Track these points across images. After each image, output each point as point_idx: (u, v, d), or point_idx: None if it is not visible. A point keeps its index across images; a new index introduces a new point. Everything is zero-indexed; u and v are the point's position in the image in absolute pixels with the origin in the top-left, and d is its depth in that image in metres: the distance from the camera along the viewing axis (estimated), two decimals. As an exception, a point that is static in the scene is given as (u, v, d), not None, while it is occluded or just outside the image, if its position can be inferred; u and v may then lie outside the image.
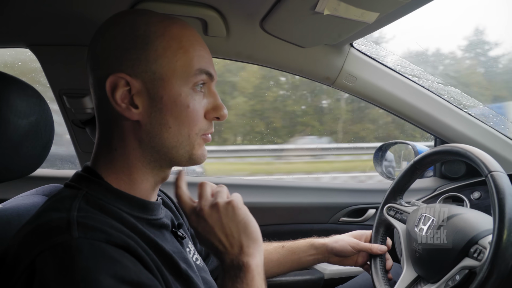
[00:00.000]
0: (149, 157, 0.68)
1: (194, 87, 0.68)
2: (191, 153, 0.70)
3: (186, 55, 0.67)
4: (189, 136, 0.68)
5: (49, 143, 0.79)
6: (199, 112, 0.68)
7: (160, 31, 0.66)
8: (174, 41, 0.66)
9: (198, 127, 0.69)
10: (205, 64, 0.69)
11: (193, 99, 0.67)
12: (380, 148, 1.65)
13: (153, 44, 0.65)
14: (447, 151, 0.96)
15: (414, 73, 1.31)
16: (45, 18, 0.97)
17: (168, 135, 0.67)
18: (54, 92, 1.14)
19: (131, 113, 0.65)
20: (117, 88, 0.64)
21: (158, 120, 0.66)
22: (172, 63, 0.66)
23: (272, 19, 0.95)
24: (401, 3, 0.74)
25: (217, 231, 0.66)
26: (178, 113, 0.66)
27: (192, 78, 0.67)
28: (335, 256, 1.08)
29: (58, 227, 0.54)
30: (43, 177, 1.36)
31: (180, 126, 0.67)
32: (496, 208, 0.76)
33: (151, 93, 0.65)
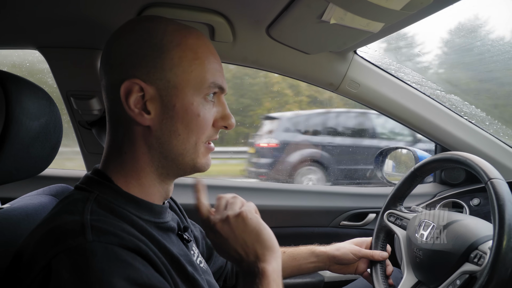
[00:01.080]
0: (157, 162, 0.70)
1: (206, 97, 0.70)
2: (196, 161, 0.71)
3: (201, 67, 0.68)
4: (196, 144, 0.70)
5: (58, 144, 0.81)
6: (208, 120, 0.70)
7: (176, 40, 0.67)
8: (190, 52, 0.68)
9: (206, 135, 0.71)
10: (218, 77, 0.71)
11: (204, 108, 0.69)
12: (381, 153, 1.66)
13: (169, 53, 0.66)
14: (448, 158, 0.97)
15: (416, 80, 1.33)
16: (55, 21, 0.98)
17: (177, 142, 0.68)
18: (62, 93, 1.16)
19: (143, 118, 0.66)
20: (131, 93, 0.65)
21: (168, 127, 0.67)
22: (187, 73, 0.67)
23: (279, 26, 0.96)
24: (406, 14, 0.76)
25: (231, 243, 0.68)
26: (188, 121, 0.68)
27: (205, 90, 0.69)
28: (336, 264, 1.09)
29: (72, 230, 0.55)
30: (48, 176, 1.37)
31: (189, 133, 0.68)
32: (496, 215, 0.77)
33: (164, 100, 0.66)
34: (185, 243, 0.79)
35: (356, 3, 0.73)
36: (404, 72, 1.31)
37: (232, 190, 1.48)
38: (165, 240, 0.68)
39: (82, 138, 1.26)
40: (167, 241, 0.70)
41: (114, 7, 0.95)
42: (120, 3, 0.94)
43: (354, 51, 1.21)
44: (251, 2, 0.92)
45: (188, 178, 1.52)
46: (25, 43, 1.08)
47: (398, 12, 0.75)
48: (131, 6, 0.95)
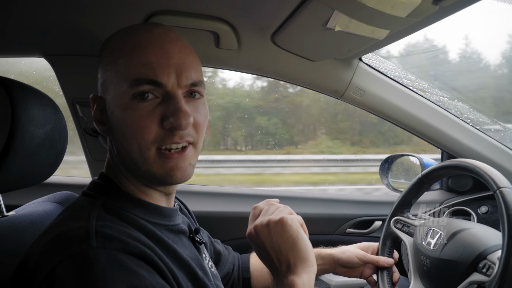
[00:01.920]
0: (130, 172, 0.69)
1: (135, 98, 0.62)
2: (152, 172, 0.65)
3: (124, 63, 0.62)
4: (141, 151, 0.63)
5: (63, 151, 0.81)
6: (142, 123, 0.62)
7: (112, 44, 0.67)
8: (118, 51, 0.65)
9: (147, 140, 0.62)
10: (147, 71, 0.61)
11: (133, 110, 0.62)
12: (387, 160, 1.65)
13: (106, 59, 0.67)
14: (455, 165, 0.96)
15: (421, 87, 1.32)
16: (61, 30, 0.99)
17: (125, 151, 0.66)
18: (67, 101, 1.17)
19: (102, 129, 0.69)
20: (94, 105, 0.68)
21: (114, 136, 0.67)
22: (114, 74, 0.64)
23: (283, 34, 0.96)
24: (411, 21, 0.76)
25: (267, 247, 0.68)
26: (121, 127, 0.64)
27: (130, 90, 0.61)
28: (341, 267, 1.08)
29: (77, 236, 0.55)
30: (53, 183, 1.37)
31: (128, 141, 0.63)
32: (505, 224, 0.76)
33: (107, 109, 0.67)
34: (196, 246, 0.78)
35: (361, 10, 0.72)
36: (409, 79, 1.30)
37: (239, 197, 1.49)
38: (176, 243, 0.68)
39: (87, 145, 1.27)
40: (178, 244, 0.70)
41: (120, 15, 0.95)
42: (126, 11, 0.95)
43: (359, 58, 1.21)
44: (256, 9, 0.92)
45: (194, 186, 1.52)
46: (32, 51, 1.09)
47: (403, 19, 0.74)
48: (137, 14, 0.95)
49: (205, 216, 1.41)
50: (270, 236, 0.68)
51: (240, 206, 1.46)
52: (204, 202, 1.45)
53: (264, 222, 0.69)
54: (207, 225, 1.15)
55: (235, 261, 1.08)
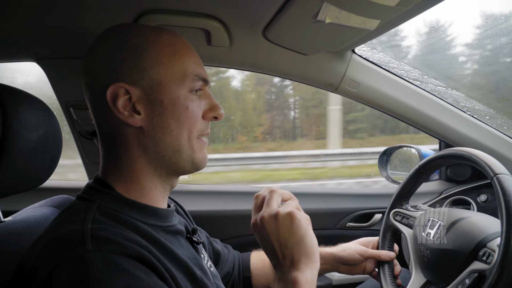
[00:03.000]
0: (154, 163, 0.70)
1: (191, 90, 0.70)
2: (193, 157, 0.72)
3: (181, 61, 0.70)
4: (189, 138, 0.70)
5: (58, 155, 0.80)
6: (197, 113, 0.71)
7: (151, 39, 0.69)
8: (168, 48, 0.69)
9: (197, 129, 0.71)
10: (201, 70, 0.72)
11: (191, 101, 0.70)
12: (385, 152, 1.64)
13: (147, 52, 0.67)
14: (452, 155, 0.96)
15: (416, 77, 1.32)
16: (51, 32, 0.98)
17: (171, 138, 0.69)
18: (61, 104, 1.16)
19: (134, 119, 0.67)
20: (118, 97, 0.66)
21: (160, 123, 0.68)
22: (169, 68, 0.68)
23: (275, 28, 0.96)
24: (401, 10, 0.75)
25: (272, 239, 0.68)
26: (178, 115, 0.69)
27: (189, 83, 0.70)
28: (343, 265, 1.07)
29: (72, 240, 0.55)
30: (50, 188, 1.37)
31: (181, 128, 0.69)
32: (503, 211, 0.75)
33: (151, 98, 0.67)
34: (194, 246, 0.78)
35: (350, 1, 0.72)
36: (404, 69, 1.30)
37: (239, 195, 1.49)
38: (173, 244, 0.68)
39: (83, 148, 1.26)
40: (175, 245, 0.69)
41: (110, 16, 0.95)
42: (116, 11, 0.94)
43: (352, 50, 1.20)
44: (246, 5, 0.92)
45: (192, 185, 1.52)
46: (22, 55, 1.08)
47: (393, 8, 0.74)
48: (127, 14, 0.95)
49: (204, 215, 1.41)
50: (277, 229, 0.67)
51: (239, 204, 1.45)
52: (202, 201, 1.45)
53: (272, 213, 0.69)
54: (206, 224, 1.15)
55: (236, 260, 1.08)
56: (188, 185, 1.51)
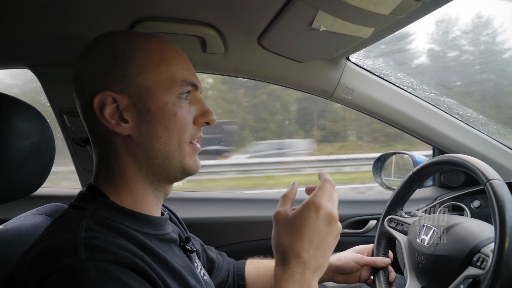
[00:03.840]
0: (145, 171, 0.69)
1: (180, 96, 0.69)
2: (183, 163, 0.71)
3: (168, 67, 0.69)
4: (179, 144, 0.69)
5: (50, 162, 0.79)
6: (186, 119, 0.70)
7: (139, 46, 0.68)
8: (155, 54, 0.68)
9: (188, 134, 0.70)
10: (189, 75, 0.71)
11: (180, 107, 0.69)
12: (379, 158, 1.65)
13: (134, 59, 0.67)
14: (445, 161, 0.97)
15: (409, 84, 1.33)
16: (45, 39, 0.98)
17: (160, 145, 0.68)
18: (55, 111, 1.15)
19: (122, 128, 0.67)
20: (105, 106, 0.66)
21: (148, 131, 0.67)
22: (156, 75, 0.68)
23: (269, 35, 0.96)
24: (395, 19, 0.76)
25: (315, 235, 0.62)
26: (167, 122, 0.68)
27: (177, 89, 0.69)
28: (339, 274, 1.07)
29: (65, 249, 0.54)
30: (43, 196, 1.35)
31: (170, 134, 0.68)
32: (497, 216, 0.76)
33: (139, 106, 0.67)
34: (188, 255, 0.78)
35: (345, 9, 0.73)
36: (397, 76, 1.31)
37: (232, 202, 1.48)
38: (166, 253, 0.68)
39: (77, 155, 1.25)
40: (169, 254, 0.69)
41: (104, 23, 0.95)
42: (110, 19, 0.94)
43: (347, 58, 1.21)
44: (241, 12, 0.92)
45: (187, 192, 1.51)
46: (16, 62, 1.08)
47: (387, 16, 0.75)
48: (122, 22, 0.95)
49: (198, 222, 1.40)
50: (318, 226, 0.62)
51: (233, 211, 1.45)
52: (197, 208, 1.44)
53: (326, 208, 0.62)
54: (200, 231, 1.14)
55: (230, 268, 1.07)
56: (183, 192, 1.51)
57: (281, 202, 0.68)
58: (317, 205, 0.62)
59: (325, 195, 0.64)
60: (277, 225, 0.65)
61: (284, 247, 0.63)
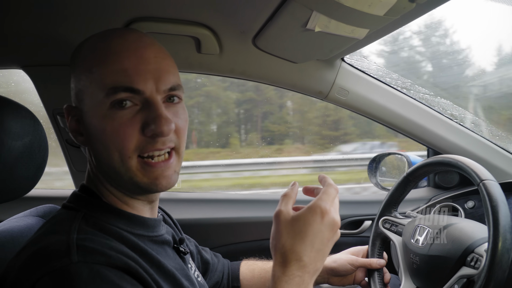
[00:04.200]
0: (112, 182, 0.68)
1: (113, 106, 0.60)
2: (135, 180, 0.63)
3: (98, 72, 0.61)
4: (122, 160, 0.62)
5: (43, 163, 0.79)
6: (121, 131, 0.60)
7: (85, 52, 0.65)
8: (91, 59, 0.62)
9: (130, 149, 0.61)
10: (123, 79, 0.60)
11: (111, 120, 0.60)
12: (374, 159, 1.66)
13: (79, 68, 0.65)
14: (439, 162, 0.97)
15: (404, 85, 1.34)
16: (38, 39, 0.97)
17: (106, 161, 0.64)
18: (48, 112, 1.14)
19: (79, 140, 0.67)
20: (68, 117, 0.67)
21: (92, 146, 0.66)
22: (88, 85, 0.63)
23: (264, 36, 0.96)
24: (389, 20, 0.76)
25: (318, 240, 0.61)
26: (100, 137, 0.62)
27: (105, 99, 0.60)
28: (334, 276, 1.07)
29: (57, 251, 0.53)
30: (36, 197, 1.34)
31: (108, 150, 0.62)
32: (490, 216, 0.76)
33: (84, 118, 0.65)
34: (181, 256, 0.77)
35: (340, 10, 0.73)
36: (391, 77, 1.32)
37: (228, 203, 1.48)
38: (160, 254, 0.67)
39: (70, 156, 1.24)
40: (162, 255, 0.68)
41: (99, 23, 0.94)
42: (105, 18, 0.93)
43: (342, 59, 1.21)
44: (236, 13, 0.92)
45: (182, 193, 1.51)
46: (8, 62, 1.07)
47: (381, 17, 0.75)
48: (116, 22, 0.94)
49: (193, 223, 1.39)
50: (321, 231, 0.61)
51: (229, 212, 1.44)
52: (191, 209, 1.43)
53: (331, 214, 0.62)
54: (195, 232, 1.14)
55: (225, 269, 1.07)
56: (178, 193, 1.50)
57: (283, 202, 0.66)
58: (323, 210, 0.61)
59: (330, 200, 0.63)
60: (278, 225, 0.63)
61: (285, 248, 0.61)
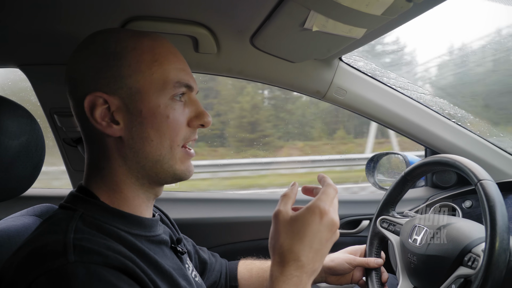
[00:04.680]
0: (135, 173, 0.68)
1: (173, 98, 0.68)
2: (174, 168, 0.69)
3: (161, 67, 0.67)
4: (171, 148, 0.68)
5: (40, 163, 0.79)
6: (179, 121, 0.68)
7: (131, 45, 0.67)
8: (147, 54, 0.67)
9: (180, 137, 0.69)
10: (183, 76, 0.69)
11: (173, 109, 0.67)
12: (372, 159, 1.66)
13: (125, 60, 0.66)
14: (437, 161, 0.97)
15: (402, 85, 1.34)
16: (35, 38, 0.97)
17: (151, 148, 0.67)
18: (45, 111, 1.14)
19: (113, 129, 0.66)
20: (96, 107, 0.65)
21: (139, 134, 0.66)
22: (148, 76, 0.66)
23: (262, 36, 0.96)
24: (387, 19, 0.76)
25: (316, 240, 0.62)
26: (158, 125, 0.66)
27: (170, 90, 0.67)
28: (332, 275, 1.07)
29: (54, 250, 0.53)
30: (33, 196, 1.34)
31: (162, 137, 0.67)
32: (487, 216, 0.76)
33: (130, 108, 0.66)
34: (179, 256, 0.77)
35: (337, 10, 0.73)
36: (389, 77, 1.32)
37: (224, 203, 1.48)
38: (157, 254, 0.67)
39: (67, 155, 1.24)
40: (159, 255, 0.68)
41: (95, 22, 0.94)
42: (101, 18, 0.93)
43: (339, 58, 1.21)
44: (234, 12, 0.92)
45: (179, 192, 1.50)
46: (5, 61, 1.06)
47: (379, 17, 0.75)
48: (113, 21, 0.94)
49: (191, 223, 1.39)
50: (320, 232, 0.62)
51: (226, 211, 1.44)
52: (189, 208, 1.43)
53: (330, 215, 0.62)
54: (193, 232, 1.14)
55: (222, 269, 1.07)
56: (175, 192, 1.50)
57: (282, 202, 0.67)
58: (322, 210, 0.62)
59: (329, 200, 0.64)
60: (277, 225, 0.64)
61: (283, 248, 0.62)
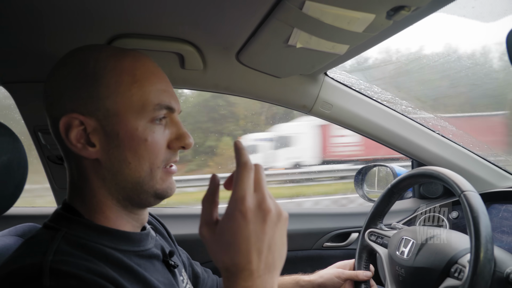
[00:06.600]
0: (116, 195, 0.66)
1: (153, 120, 0.66)
2: (155, 188, 0.67)
3: (141, 89, 0.65)
4: (151, 170, 0.66)
5: (23, 181, 0.77)
6: (159, 144, 0.66)
7: (110, 65, 0.65)
8: (127, 75, 0.65)
9: (160, 159, 0.67)
10: (164, 98, 0.67)
11: (152, 132, 0.65)
12: (360, 171, 1.67)
13: (104, 80, 0.63)
14: (421, 174, 0.98)
15: (386, 98, 1.36)
16: (19, 55, 0.96)
17: (129, 171, 0.65)
18: (29, 129, 1.13)
19: (88, 152, 0.64)
20: (71, 128, 0.63)
21: (116, 156, 0.64)
22: (127, 98, 0.64)
23: (248, 52, 0.97)
24: (368, 36, 0.78)
25: (252, 242, 0.52)
26: (136, 148, 0.64)
27: (150, 113, 0.65)
28: None
29: (29, 274, 0.52)
30: (15, 215, 1.31)
31: (140, 160, 0.65)
32: (472, 227, 0.77)
33: (107, 130, 0.64)
34: (171, 270, 0.75)
35: (319, 27, 0.74)
36: (374, 91, 1.34)
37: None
38: (147, 270, 0.65)
39: (52, 173, 1.22)
40: (150, 270, 0.66)
41: (80, 40, 0.93)
42: (87, 35, 0.93)
43: (325, 73, 1.23)
44: (219, 29, 0.93)
45: (168, 208, 1.49)
46: None
47: (361, 34, 0.77)
48: (99, 39, 0.94)
49: (181, 239, 1.36)
50: (253, 230, 0.52)
51: None
52: (178, 224, 1.42)
53: (253, 208, 0.52)
54: (184, 248, 1.12)
55: (214, 285, 1.05)
56: (164, 208, 1.48)
57: (203, 213, 0.57)
58: (241, 211, 0.51)
59: (247, 188, 0.53)
60: (208, 244, 0.56)
61: (225, 264, 0.53)
